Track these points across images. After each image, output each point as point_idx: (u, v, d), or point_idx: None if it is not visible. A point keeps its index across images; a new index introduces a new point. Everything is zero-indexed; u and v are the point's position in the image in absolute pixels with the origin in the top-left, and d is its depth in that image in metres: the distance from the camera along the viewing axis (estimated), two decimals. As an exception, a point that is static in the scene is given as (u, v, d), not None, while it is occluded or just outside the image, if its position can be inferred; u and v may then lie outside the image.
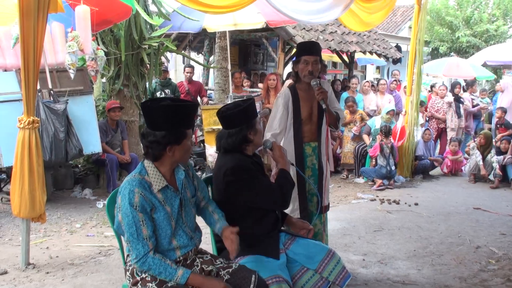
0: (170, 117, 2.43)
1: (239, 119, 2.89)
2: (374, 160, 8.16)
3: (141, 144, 2.56)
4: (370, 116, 9.18)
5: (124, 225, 2.41)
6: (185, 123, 2.49)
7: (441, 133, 10.14)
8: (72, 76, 5.75)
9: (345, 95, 9.37)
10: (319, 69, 3.74)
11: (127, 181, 2.46)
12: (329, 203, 4.03)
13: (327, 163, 3.93)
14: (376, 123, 8.65)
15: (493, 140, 8.74)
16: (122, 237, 2.58)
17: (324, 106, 3.63)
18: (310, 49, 3.75)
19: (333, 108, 3.83)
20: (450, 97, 10.12)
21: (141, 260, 2.39)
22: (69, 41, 5.57)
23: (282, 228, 3.17)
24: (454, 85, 10.79)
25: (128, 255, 2.62)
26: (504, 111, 9.47)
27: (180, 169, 2.61)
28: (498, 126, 8.82)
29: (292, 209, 3.74)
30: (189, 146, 2.52)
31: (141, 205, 2.39)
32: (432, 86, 10.70)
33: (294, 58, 3.87)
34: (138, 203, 2.38)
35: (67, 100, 5.93)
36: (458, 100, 10.32)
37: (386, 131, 7.99)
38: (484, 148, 8.54)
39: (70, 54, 5.56)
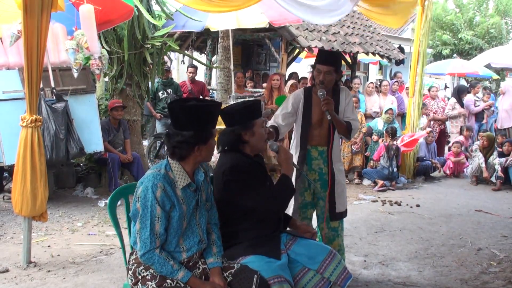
0: (198, 117, 2.45)
1: (234, 118, 2.90)
2: (371, 162, 8.16)
3: (166, 145, 2.59)
4: (372, 117, 9.17)
5: (140, 215, 2.42)
6: (211, 123, 2.52)
7: (441, 135, 10.14)
8: (75, 75, 5.76)
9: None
10: (333, 79, 3.67)
11: (151, 174, 2.47)
12: (345, 210, 3.94)
13: (340, 170, 3.89)
14: (378, 124, 8.65)
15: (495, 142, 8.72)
16: (128, 235, 2.58)
17: (329, 118, 3.61)
18: (325, 58, 3.70)
19: (347, 118, 3.77)
20: (456, 109, 10.21)
21: (146, 255, 2.41)
22: (68, 40, 5.58)
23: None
24: (461, 90, 10.81)
25: (131, 254, 2.62)
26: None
27: (200, 171, 2.63)
28: (502, 144, 8.67)
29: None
30: (213, 145, 2.55)
31: (161, 201, 2.42)
32: (429, 89, 10.70)
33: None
34: (159, 198, 2.41)
35: (66, 100, 5.92)
36: (463, 105, 10.41)
37: (392, 132, 7.98)
38: (487, 150, 8.52)
39: (68, 53, 5.56)
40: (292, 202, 3.78)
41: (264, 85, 9.53)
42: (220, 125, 2.84)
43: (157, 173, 2.47)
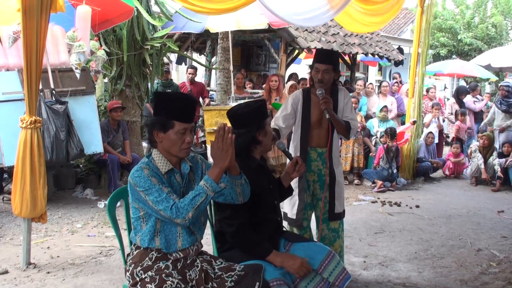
0: (162, 105, 2.52)
1: (249, 119, 2.88)
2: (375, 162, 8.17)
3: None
4: (371, 118, 9.17)
5: (144, 197, 2.43)
6: (175, 114, 2.50)
7: (439, 135, 10.15)
8: (78, 76, 5.76)
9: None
10: (332, 78, 3.69)
11: (135, 166, 2.54)
12: (343, 211, 3.93)
13: (339, 170, 3.90)
14: (373, 124, 8.69)
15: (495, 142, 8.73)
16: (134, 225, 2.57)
17: (327, 116, 3.62)
18: (322, 57, 3.72)
19: (345, 117, 3.78)
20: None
21: (173, 209, 2.39)
22: (79, 41, 5.58)
23: (284, 229, 3.18)
24: (461, 91, 10.83)
25: (128, 254, 2.62)
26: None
27: (187, 164, 2.63)
28: (502, 144, 8.73)
29: (291, 210, 3.78)
30: (176, 139, 2.50)
31: (151, 174, 2.46)
32: (427, 90, 10.71)
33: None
34: (148, 173, 2.46)
35: (67, 102, 5.93)
36: (462, 106, 10.43)
37: (392, 133, 7.99)
38: (487, 150, 8.51)
39: (79, 54, 5.56)
40: (296, 203, 3.79)
41: (263, 86, 9.54)
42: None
43: (141, 161, 2.56)
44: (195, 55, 12.68)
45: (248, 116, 2.88)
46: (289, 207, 3.83)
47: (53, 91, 5.93)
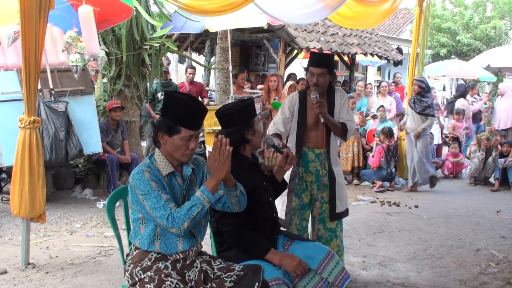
0: (171, 108, 2.50)
1: (237, 118, 2.90)
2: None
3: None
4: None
5: (142, 200, 2.43)
6: (183, 120, 2.48)
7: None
8: (76, 76, 5.76)
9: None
10: (327, 81, 3.68)
11: (137, 166, 2.54)
12: (346, 210, 3.92)
13: (338, 170, 3.89)
14: (371, 123, 8.72)
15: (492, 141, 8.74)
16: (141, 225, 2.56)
17: (322, 120, 3.62)
18: (317, 61, 3.70)
19: (342, 118, 3.78)
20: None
21: (169, 219, 2.39)
22: (81, 42, 5.57)
23: (282, 229, 3.18)
24: (458, 89, 10.86)
25: (128, 255, 2.62)
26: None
27: (189, 167, 2.63)
28: (501, 144, 8.71)
29: (280, 210, 3.77)
30: (180, 145, 2.49)
31: (152, 179, 2.45)
32: None
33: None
34: (149, 178, 2.45)
35: (67, 102, 5.93)
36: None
37: (389, 133, 8.00)
38: (490, 150, 8.49)
39: (81, 55, 5.54)
40: (284, 203, 3.78)
41: (260, 86, 9.55)
42: (218, 126, 2.81)
43: (142, 163, 2.56)
44: (194, 55, 12.69)
45: (235, 115, 2.90)
46: (279, 206, 3.82)
47: (52, 91, 5.92)
